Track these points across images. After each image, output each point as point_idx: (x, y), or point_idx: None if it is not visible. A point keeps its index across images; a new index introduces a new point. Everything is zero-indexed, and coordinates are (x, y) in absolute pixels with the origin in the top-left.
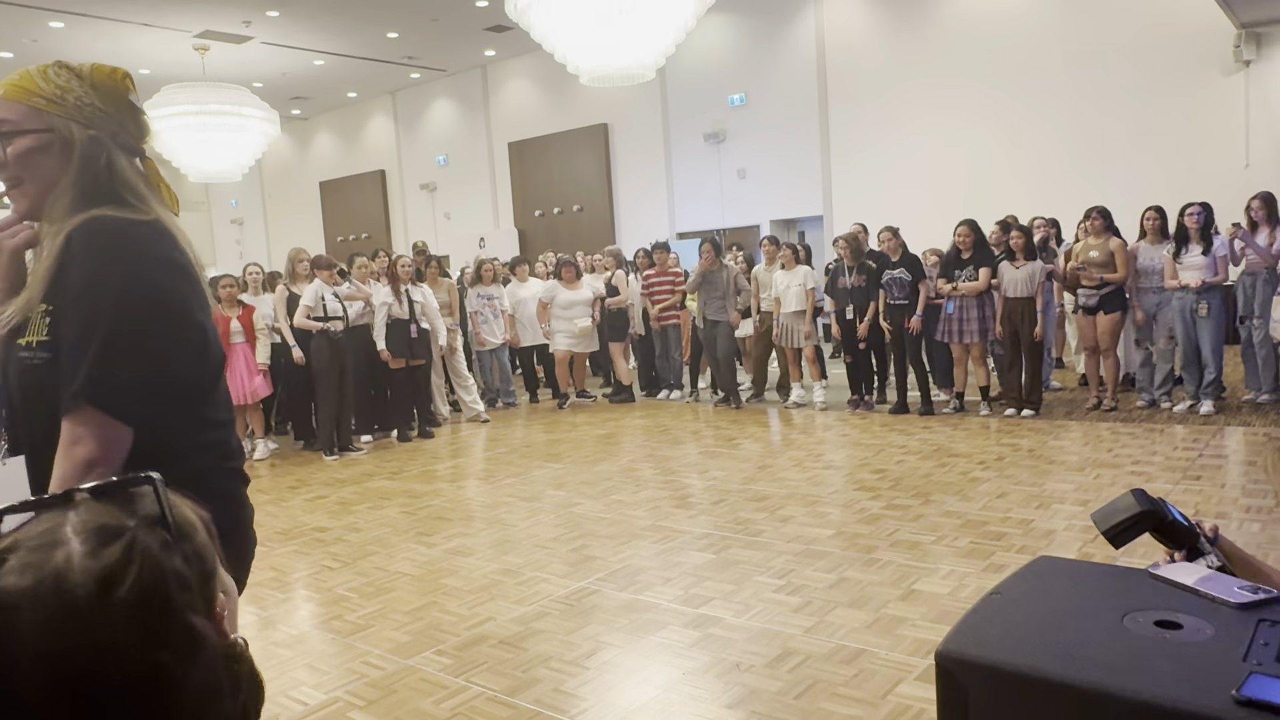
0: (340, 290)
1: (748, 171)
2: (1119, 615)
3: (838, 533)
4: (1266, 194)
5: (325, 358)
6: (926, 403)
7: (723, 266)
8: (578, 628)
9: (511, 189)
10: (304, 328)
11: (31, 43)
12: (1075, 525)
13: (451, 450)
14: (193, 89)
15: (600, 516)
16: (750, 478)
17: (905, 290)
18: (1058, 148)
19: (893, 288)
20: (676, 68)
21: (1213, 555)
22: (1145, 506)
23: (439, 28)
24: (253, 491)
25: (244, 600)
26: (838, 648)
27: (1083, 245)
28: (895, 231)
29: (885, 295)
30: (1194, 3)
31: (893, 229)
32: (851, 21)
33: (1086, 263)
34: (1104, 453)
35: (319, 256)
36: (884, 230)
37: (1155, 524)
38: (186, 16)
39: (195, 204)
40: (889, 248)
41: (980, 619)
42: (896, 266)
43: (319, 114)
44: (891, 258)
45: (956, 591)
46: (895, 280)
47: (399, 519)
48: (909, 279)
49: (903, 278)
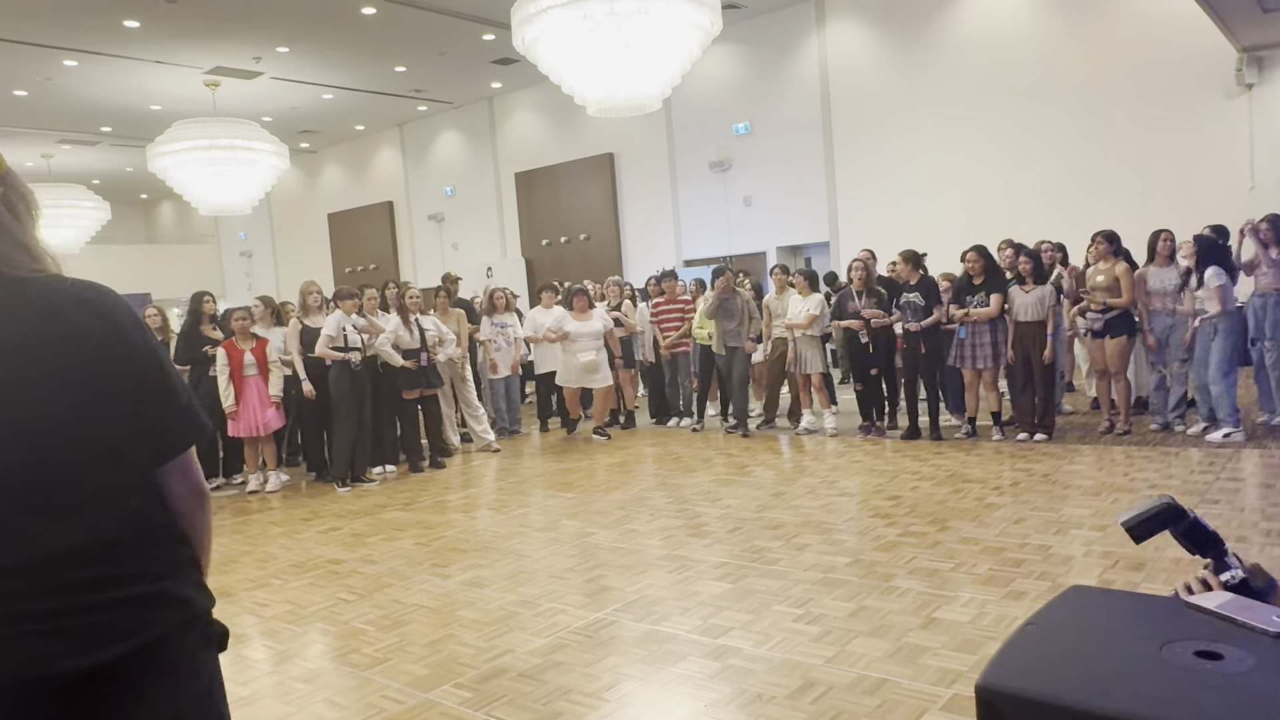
0: (358, 322)
1: (753, 199)
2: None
3: (855, 560)
4: (1275, 216)
5: (345, 387)
6: (935, 429)
7: (735, 293)
8: (597, 659)
9: (519, 219)
10: (326, 358)
11: (46, 81)
12: (1094, 551)
13: (464, 480)
14: (204, 124)
15: (615, 546)
16: (764, 505)
17: (919, 314)
18: (1063, 172)
19: (906, 311)
20: (682, 97)
21: (1238, 568)
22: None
23: (446, 61)
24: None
25: (260, 634)
26: (860, 678)
27: (1092, 269)
28: (912, 256)
29: (902, 319)
30: (1195, 27)
31: (912, 253)
32: (854, 50)
33: (1092, 287)
34: (1119, 477)
35: (342, 288)
36: (901, 254)
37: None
38: (198, 54)
39: (204, 237)
40: (902, 272)
41: (1017, 650)
42: (912, 290)
43: (327, 147)
44: (910, 281)
45: (978, 619)
46: (909, 304)
47: (414, 550)
48: (923, 303)
49: (916, 302)
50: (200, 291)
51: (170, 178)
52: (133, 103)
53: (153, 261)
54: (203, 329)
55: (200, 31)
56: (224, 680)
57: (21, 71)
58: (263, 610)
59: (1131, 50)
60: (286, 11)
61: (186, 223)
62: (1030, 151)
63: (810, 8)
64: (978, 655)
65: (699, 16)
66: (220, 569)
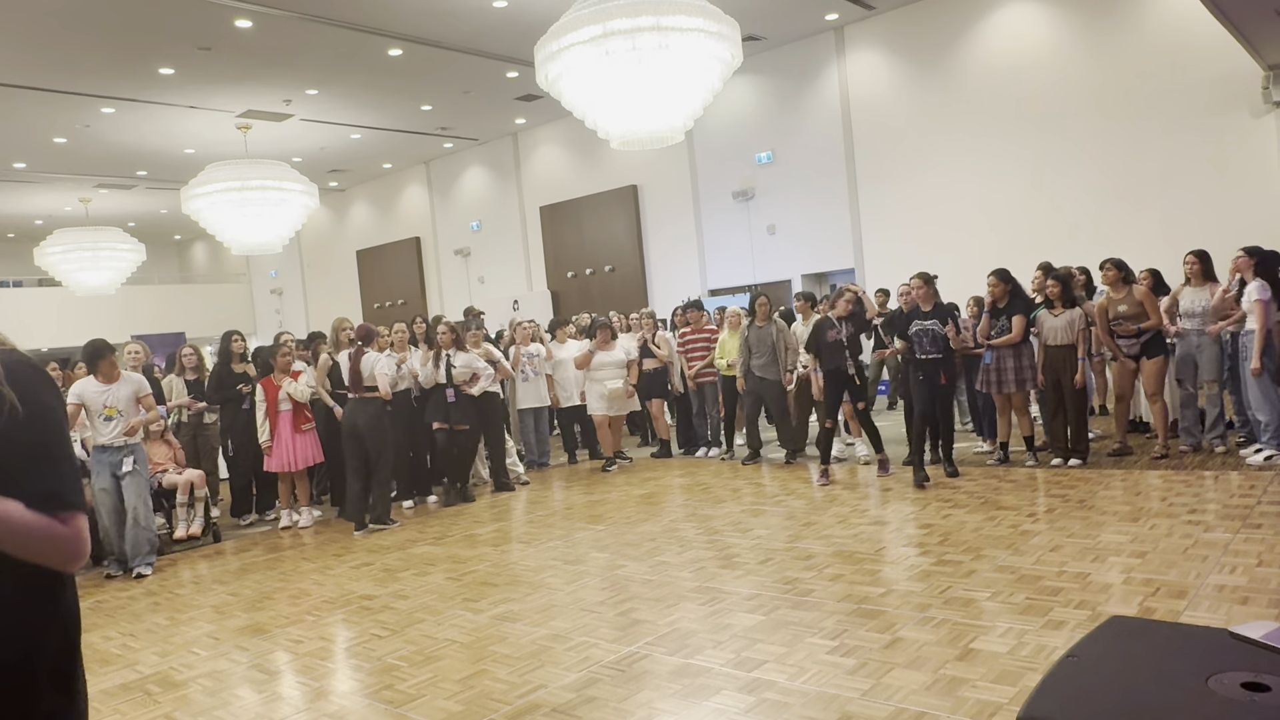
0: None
1: (777, 227)
2: (1203, 677)
3: (889, 591)
4: None
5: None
6: (950, 462)
7: (771, 322)
8: (630, 694)
9: (544, 251)
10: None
11: (84, 128)
12: (1134, 578)
13: (493, 514)
14: (235, 166)
15: (646, 578)
16: (795, 535)
17: (939, 344)
18: (1089, 194)
19: (923, 339)
20: (704, 128)
21: None
22: None
23: (471, 99)
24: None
25: (295, 670)
26: (897, 711)
27: (1108, 299)
28: (927, 279)
29: (916, 348)
30: (1220, 46)
31: (925, 276)
32: (875, 77)
33: (1119, 316)
34: (1157, 502)
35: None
36: (914, 277)
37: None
38: (230, 98)
39: (236, 275)
40: (920, 296)
41: (1059, 683)
42: (928, 317)
43: (356, 185)
44: (923, 306)
45: (1016, 650)
46: (926, 331)
47: (445, 585)
48: (940, 330)
49: (935, 329)
50: (229, 331)
51: (203, 219)
52: (167, 147)
53: (187, 301)
54: (233, 367)
55: (232, 76)
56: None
57: (61, 120)
58: (297, 647)
59: (1156, 71)
60: (316, 55)
61: (219, 262)
62: (1055, 175)
63: (830, 37)
64: (1017, 687)
65: (720, 50)
66: (254, 605)
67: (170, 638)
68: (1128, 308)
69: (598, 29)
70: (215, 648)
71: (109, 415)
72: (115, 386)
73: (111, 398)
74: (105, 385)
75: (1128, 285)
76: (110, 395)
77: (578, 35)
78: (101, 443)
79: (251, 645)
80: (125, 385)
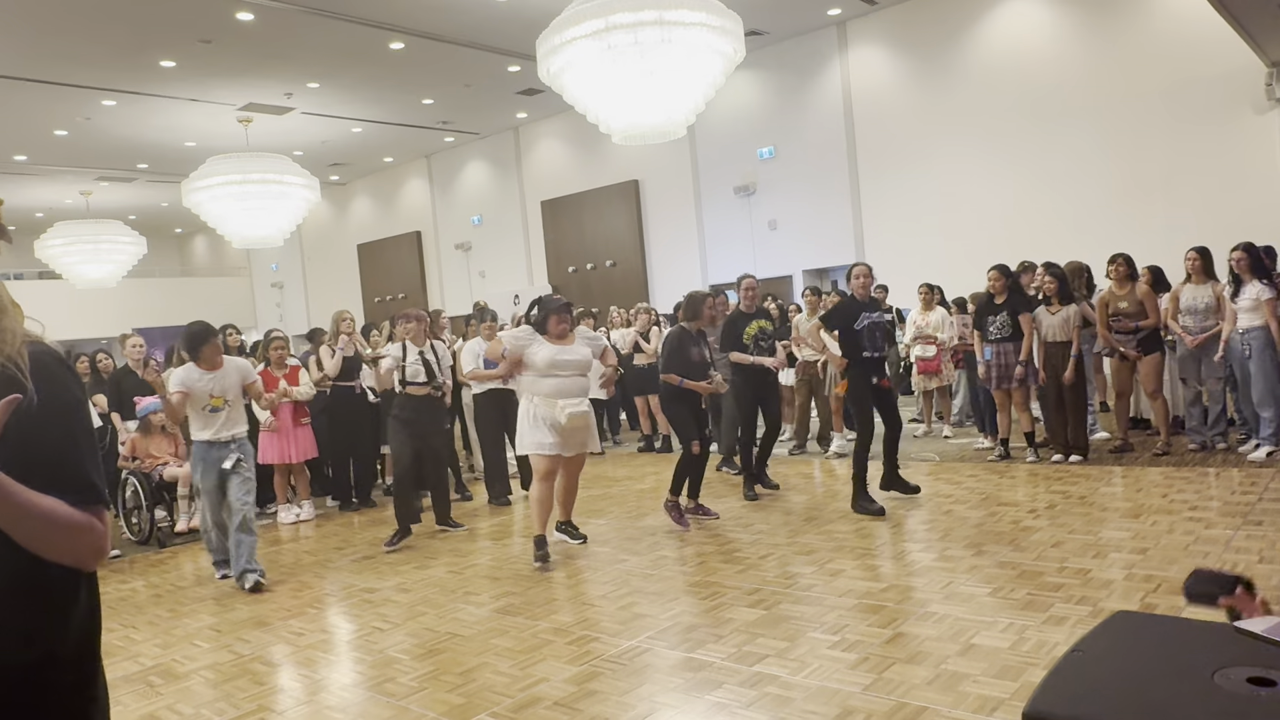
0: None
1: (779, 222)
2: (1208, 672)
3: (890, 586)
4: None
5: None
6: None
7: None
8: (631, 688)
9: (545, 246)
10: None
11: (85, 120)
12: (1135, 574)
13: (493, 508)
14: (236, 159)
15: (647, 572)
16: (796, 530)
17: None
18: (1090, 192)
19: (875, 334)
20: (706, 123)
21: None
22: None
23: (472, 93)
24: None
25: (296, 663)
26: (899, 706)
27: (1110, 294)
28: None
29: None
30: (1223, 43)
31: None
32: (877, 73)
33: (1118, 313)
34: (1158, 499)
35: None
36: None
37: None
38: (231, 91)
39: (237, 269)
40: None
41: (1064, 678)
42: (874, 309)
43: (357, 179)
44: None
45: (1017, 645)
46: (877, 325)
47: (446, 579)
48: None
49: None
50: (224, 325)
51: (204, 212)
52: (168, 140)
53: (187, 294)
54: None
55: (234, 70)
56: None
57: (62, 112)
58: (298, 639)
59: (1159, 67)
60: (317, 48)
61: (220, 256)
62: (1057, 172)
63: (832, 32)
64: (1019, 682)
65: (722, 44)
66: (255, 598)
67: (172, 630)
68: (1129, 305)
69: (600, 23)
70: (217, 640)
71: (215, 406)
72: (220, 373)
73: (218, 386)
74: (209, 372)
75: (1132, 282)
76: (216, 384)
77: (580, 29)
78: (205, 438)
79: (253, 637)
80: (231, 372)
